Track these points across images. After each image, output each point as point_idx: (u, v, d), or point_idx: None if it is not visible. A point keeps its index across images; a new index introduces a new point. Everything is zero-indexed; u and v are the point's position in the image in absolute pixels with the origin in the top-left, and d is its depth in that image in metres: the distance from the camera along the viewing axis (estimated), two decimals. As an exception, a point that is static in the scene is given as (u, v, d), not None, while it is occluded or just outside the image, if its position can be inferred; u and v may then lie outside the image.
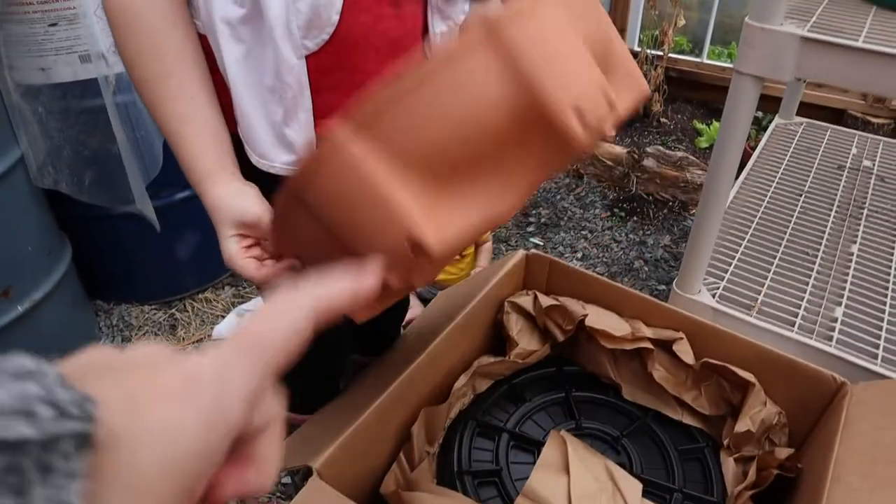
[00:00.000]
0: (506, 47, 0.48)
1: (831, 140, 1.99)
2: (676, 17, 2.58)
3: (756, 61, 1.00)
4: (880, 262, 1.46)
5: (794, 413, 0.95)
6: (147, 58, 0.68)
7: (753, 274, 1.43)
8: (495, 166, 0.52)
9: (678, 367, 1.00)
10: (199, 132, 0.71)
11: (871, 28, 1.01)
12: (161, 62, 0.69)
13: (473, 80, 0.48)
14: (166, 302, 1.91)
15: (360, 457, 0.83)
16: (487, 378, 1.03)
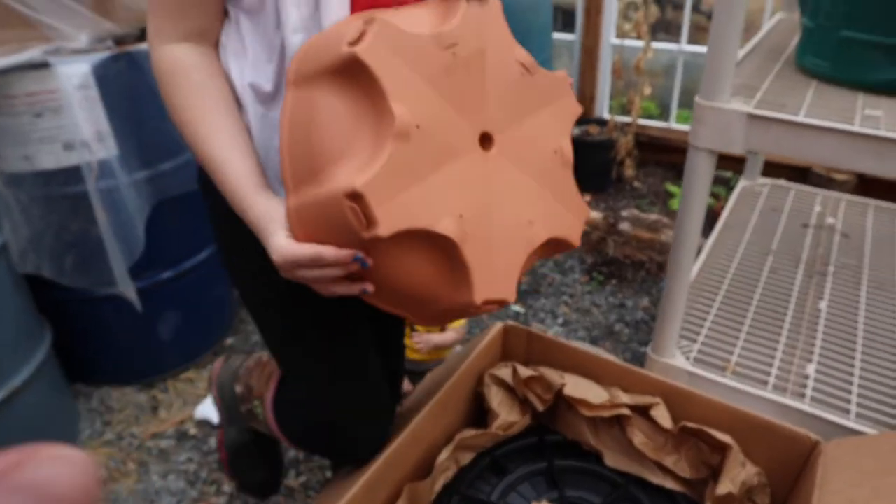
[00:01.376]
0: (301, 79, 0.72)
1: (796, 199, 2.06)
2: (642, 86, 2.69)
3: (708, 136, 1.06)
4: (848, 318, 1.50)
5: (773, 473, 0.97)
6: (192, 102, 0.78)
7: (726, 335, 1.46)
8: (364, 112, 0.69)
9: (657, 431, 1.02)
10: (245, 156, 0.79)
11: (812, 102, 1.07)
12: (204, 104, 0.78)
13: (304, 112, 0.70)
14: (147, 383, 1.89)
15: (344, 537, 0.83)
16: (470, 451, 1.04)
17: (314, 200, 0.67)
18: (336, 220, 0.66)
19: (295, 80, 0.70)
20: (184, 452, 1.67)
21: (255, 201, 0.77)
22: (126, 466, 1.63)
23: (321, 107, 0.68)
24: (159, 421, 1.77)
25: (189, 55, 0.78)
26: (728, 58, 1.01)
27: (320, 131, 0.68)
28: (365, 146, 0.66)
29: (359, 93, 0.67)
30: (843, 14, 1.10)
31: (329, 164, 0.67)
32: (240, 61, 0.80)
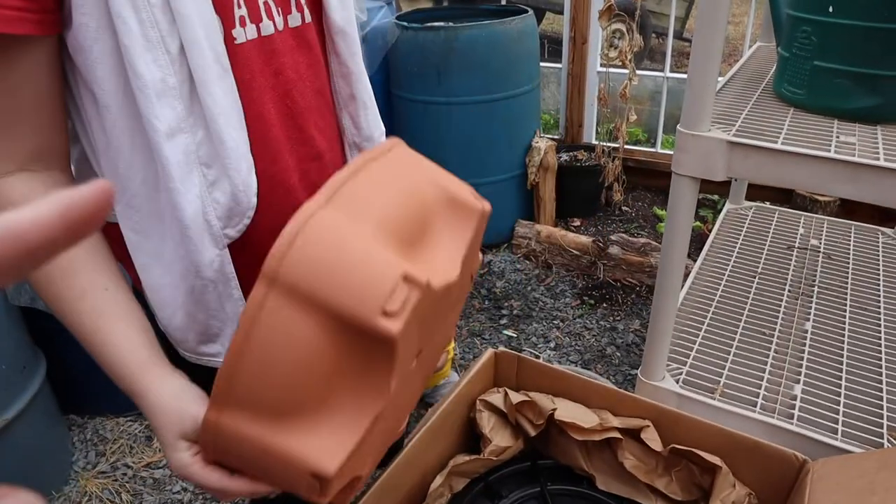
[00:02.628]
0: (290, 289, 0.51)
1: (780, 222, 2.10)
2: (628, 113, 2.75)
3: (690, 164, 1.09)
4: (833, 338, 1.53)
5: (763, 493, 0.98)
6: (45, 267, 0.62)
7: (714, 357, 1.48)
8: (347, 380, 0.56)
9: (648, 454, 1.03)
10: (123, 324, 0.62)
11: (789, 129, 1.11)
12: (63, 261, 0.60)
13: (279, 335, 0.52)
14: (140, 413, 1.89)
15: (339, 566, 0.84)
16: (463, 477, 1.05)
17: (253, 439, 0.54)
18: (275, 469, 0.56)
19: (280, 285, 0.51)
20: (178, 483, 1.67)
21: (145, 388, 0.62)
22: (120, 497, 1.63)
23: (306, 343, 0.53)
24: (153, 451, 1.77)
25: (31, 189, 0.60)
26: (708, 88, 1.05)
27: (293, 370, 0.53)
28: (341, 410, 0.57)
29: (359, 352, 0.55)
30: (816, 45, 1.15)
31: (291, 413, 0.55)
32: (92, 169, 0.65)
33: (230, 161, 0.63)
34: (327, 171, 0.77)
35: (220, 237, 0.65)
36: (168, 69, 0.58)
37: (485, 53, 2.40)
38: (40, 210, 0.20)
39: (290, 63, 0.70)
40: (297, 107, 0.72)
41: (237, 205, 0.65)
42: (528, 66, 2.59)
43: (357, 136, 0.82)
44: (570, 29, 3.04)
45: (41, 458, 1.61)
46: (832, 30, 1.14)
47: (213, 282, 0.67)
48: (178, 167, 0.61)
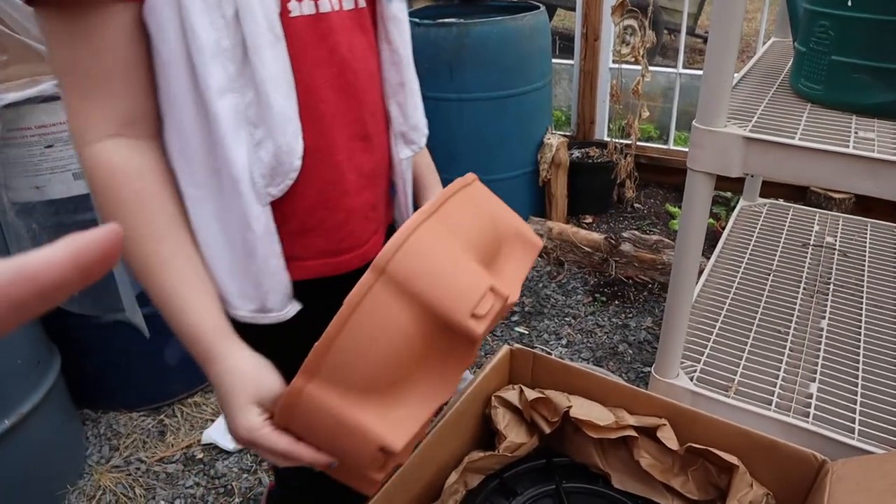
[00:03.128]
0: (395, 281, 0.59)
1: (794, 219, 2.08)
2: (640, 109, 2.73)
3: (705, 160, 1.08)
4: (850, 336, 1.51)
5: (780, 493, 0.97)
6: (139, 223, 0.65)
7: (729, 355, 1.47)
8: (426, 369, 0.64)
9: (664, 453, 1.02)
10: (203, 292, 0.68)
11: (807, 125, 1.10)
12: (152, 226, 0.66)
13: (378, 318, 0.59)
14: (155, 408, 1.90)
15: (354, 561, 0.83)
16: (478, 473, 1.04)
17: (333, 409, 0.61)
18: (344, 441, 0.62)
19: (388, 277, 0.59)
20: (191, 477, 1.68)
21: (221, 353, 0.66)
22: (133, 491, 1.64)
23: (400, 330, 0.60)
24: (166, 445, 1.78)
25: (127, 157, 0.65)
26: (724, 83, 1.04)
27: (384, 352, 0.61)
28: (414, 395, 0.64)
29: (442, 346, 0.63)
30: (833, 39, 1.14)
31: (372, 391, 0.62)
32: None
33: (275, 123, 0.66)
34: (374, 154, 0.80)
35: (263, 194, 0.69)
36: (222, 32, 0.62)
37: (497, 50, 2.39)
38: (54, 253, 0.20)
39: (346, 42, 0.72)
40: (351, 85, 0.74)
41: (280, 165, 0.68)
42: (540, 63, 2.58)
43: (404, 124, 0.83)
44: (582, 25, 3.02)
45: (56, 452, 1.62)
46: (850, 24, 1.12)
47: (261, 237, 0.70)
48: (227, 124, 0.64)
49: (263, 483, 1.65)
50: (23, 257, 0.20)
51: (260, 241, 0.70)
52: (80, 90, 0.63)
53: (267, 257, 0.72)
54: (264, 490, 1.62)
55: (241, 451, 1.74)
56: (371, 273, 0.59)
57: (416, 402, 0.64)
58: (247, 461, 1.71)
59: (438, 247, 0.62)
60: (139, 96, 0.65)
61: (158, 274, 0.65)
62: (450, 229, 0.64)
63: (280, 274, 0.74)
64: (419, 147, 0.87)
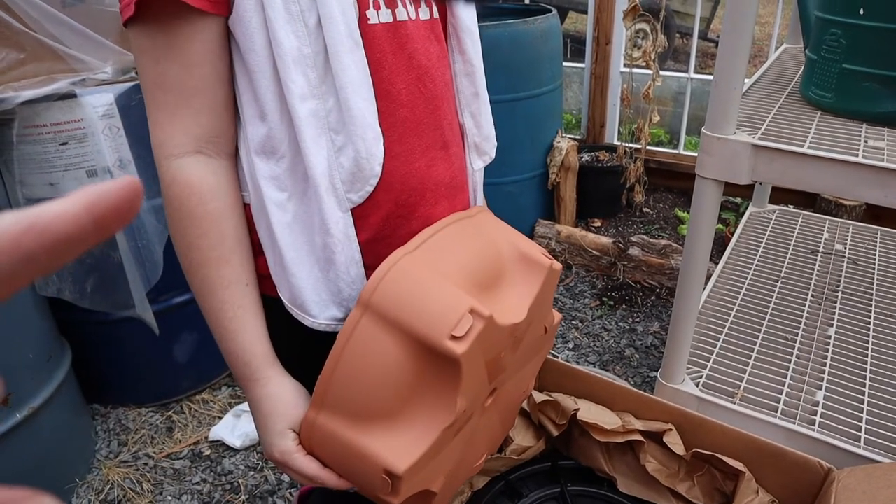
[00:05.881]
0: (379, 314, 0.65)
1: (804, 226, 2.08)
2: (650, 114, 2.73)
3: (714, 167, 1.08)
4: (857, 344, 1.51)
5: (786, 501, 0.97)
6: (208, 242, 0.68)
7: (735, 361, 1.47)
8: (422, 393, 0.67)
9: (670, 458, 1.03)
10: (256, 319, 0.71)
11: (816, 133, 1.10)
12: (221, 248, 0.69)
13: (368, 349, 0.65)
14: (163, 404, 1.92)
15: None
16: (485, 475, 1.05)
17: (342, 438, 0.67)
18: (356, 466, 0.67)
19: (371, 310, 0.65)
20: (198, 473, 1.69)
21: (265, 377, 0.71)
22: (141, 487, 1.65)
23: (390, 359, 0.65)
24: (174, 441, 1.79)
25: (204, 176, 0.68)
26: (734, 91, 1.04)
27: (378, 381, 0.66)
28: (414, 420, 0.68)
29: (431, 371, 0.66)
30: (844, 47, 1.14)
31: (374, 418, 0.67)
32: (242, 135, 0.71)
33: (356, 128, 0.67)
34: (452, 163, 0.80)
35: (344, 200, 0.70)
36: (305, 40, 0.64)
37: (508, 52, 2.40)
38: (66, 203, 0.20)
39: (423, 51, 0.73)
40: (430, 92, 0.75)
41: (360, 170, 0.69)
42: (551, 66, 2.59)
43: (478, 135, 0.84)
44: (593, 29, 3.02)
45: (65, 446, 1.64)
46: (862, 32, 1.12)
47: (341, 242, 0.71)
48: (309, 129, 0.66)
49: (269, 481, 1.66)
50: (37, 208, 0.19)
51: (340, 246, 0.71)
52: (165, 105, 0.66)
53: (347, 264, 0.72)
54: (295, 492, 1.63)
55: (248, 449, 1.75)
56: (357, 308, 0.66)
57: (418, 429, 0.67)
58: (253, 459, 1.72)
59: (419, 277, 0.67)
60: (221, 114, 0.68)
61: (219, 295, 0.69)
62: (435, 259, 0.70)
63: (360, 282, 0.74)
64: (490, 158, 0.88)
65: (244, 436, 1.76)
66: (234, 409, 1.86)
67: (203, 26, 0.63)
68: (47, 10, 1.49)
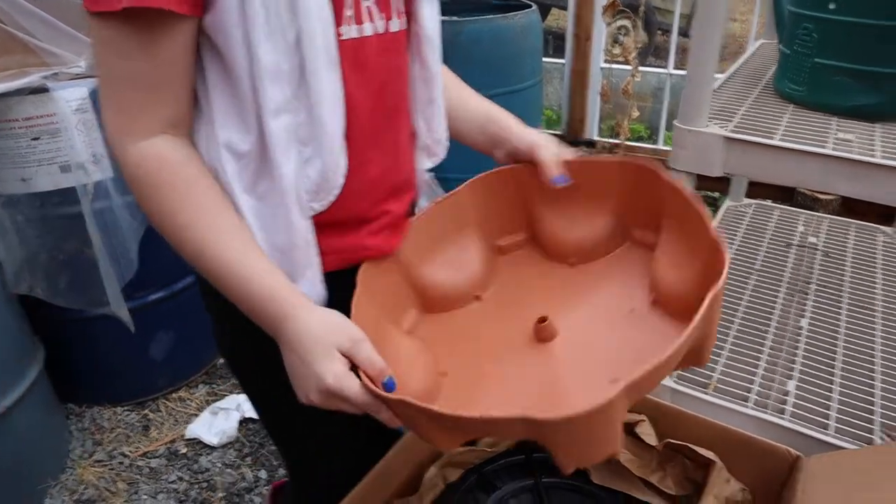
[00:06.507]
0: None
1: (779, 219, 2.10)
2: (630, 109, 2.75)
3: (687, 159, 1.09)
4: (828, 335, 1.52)
5: (756, 488, 0.98)
6: (193, 202, 0.68)
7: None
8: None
9: (642, 449, 1.03)
10: (267, 259, 0.70)
11: (788, 126, 1.11)
12: (207, 203, 0.69)
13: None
14: (139, 402, 1.90)
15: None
16: (458, 468, 1.05)
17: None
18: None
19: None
20: (174, 471, 1.68)
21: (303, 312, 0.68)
22: (116, 486, 1.64)
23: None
24: (150, 440, 1.78)
25: (174, 149, 0.68)
26: (705, 83, 1.05)
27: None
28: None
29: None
30: (816, 41, 1.15)
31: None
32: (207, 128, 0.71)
33: (326, 142, 0.70)
34: (403, 167, 0.84)
35: (306, 208, 0.73)
36: (282, 55, 0.65)
37: (488, 48, 2.40)
38: None
39: (385, 64, 0.76)
40: (387, 105, 0.78)
41: (325, 182, 0.72)
42: (531, 62, 2.59)
43: (429, 138, 0.87)
44: (573, 25, 3.03)
45: (38, 446, 1.62)
46: (833, 27, 1.14)
47: (299, 247, 0.73)
48: (279, 141, 0.67)
49: (246, 479, 1.65)
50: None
51: (300, 251, 0.73)
52: (129, 94, 0.65)
53: (304, 267, 0.75)
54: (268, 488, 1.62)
55: (225, 447, 1.74)
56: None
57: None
58: (230, 456, 1.72)
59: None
60: (186, 102, 0.69)
61: (219, 246, 0.68)
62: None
63: (318, 286, 0.76)
64: (439, 158, 0.91)
65: (221, 433, 1.75)
66: (210, 406, 1.85)
67: (182, 28, 0.63)
68: (17, 2, 1.46)
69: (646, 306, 0.83)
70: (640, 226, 0.87)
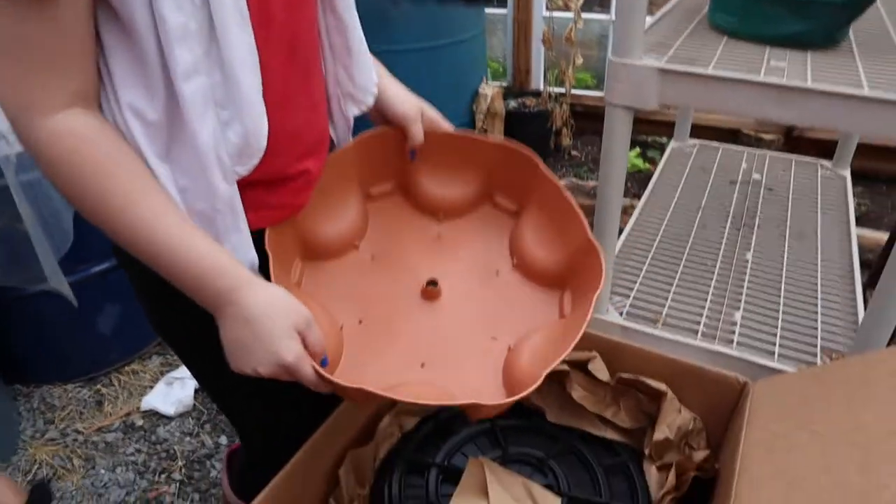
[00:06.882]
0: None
1: (724, 158, 2.13)
2: (574, 57, 2.73)
3: (622, 93, 1.09)
4: (772, 267, 1.57)
5: (707, 417, 1.00)
6: (121, 182, 0.63)
7: (657, 289, 1.51)
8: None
9: (595, 385, 1.05)
10: (205, 236, 0.68)
11: (721, 56, 1.12)
12: (137, 182, 0.64)
13: None
14: (91, 378, 1.85)
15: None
16: (413, 416, 1.05)
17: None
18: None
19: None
20: (132, 444, 1.65)
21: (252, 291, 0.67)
22: (72, 463, 1.60)
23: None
24: (105, 415, 1.74)
25: (89, 125, 0.62)
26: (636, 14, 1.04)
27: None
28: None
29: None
30: (748, -29, 1.15)
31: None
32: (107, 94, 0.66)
33: (244, 104, 0.67)
34: (320, 122, 0.83)
35: (230, 172, 0.69)
36: (190, 15, 0.61)
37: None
38: None
39: (293, 17, 0.73)
40: (302, 58, 0.76)
41: (248, 146, 0.69)
42: (472, 12, 2.54)
43: (352, 86, 0.86)
44: (514, -28, 2.98)
45: (-14, 430, 1.57)
46: (763, -44, 1.13)
47: (223, 213, 0.70)
48: (194, 105, 0.64)
49: (206, 445, 1.63)
50: None
51: (221, 217, 0.71)
52: (27, 64, 0.59)
53: (229, 233, 0.72)
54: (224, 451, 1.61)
55: (182, 416, 1.72)
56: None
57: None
58: (188, 425, 1.69)
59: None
60: (91, 72, 0.63)
61: (157, 226, 0.64)
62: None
63: (248, 252, 0.74)
64: (367, 105, 0.89)
65: (178, 403, 1.72)
66: (165, 377, 1.81)
67: None
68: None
69: (508, 268, 0.95)
70: (502, 194, 0.98)
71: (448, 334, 0.87)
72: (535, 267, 0.93)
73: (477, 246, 0.97)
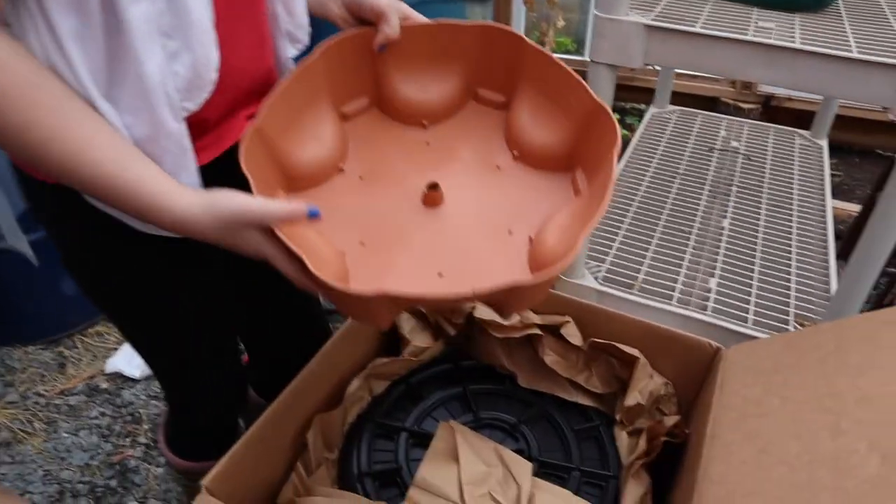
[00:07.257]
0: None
1: (702, 125, 2.12)
2: (555, 20, 2.68)
3: (607, 51, 1.06)
4: (748, 234, 1.57)
5: (679, 382, 1.00)
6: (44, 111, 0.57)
7: (634, 255, 1.50)
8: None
9: (568, 349, 1.04)
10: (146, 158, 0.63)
11: (709, 15, 1.09)
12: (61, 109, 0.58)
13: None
14: (53, 340, 1.80)
15: (253, 470, 0.81)
16: (384, 379, 1.03)
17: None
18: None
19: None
20: (95, 407, 1.61)
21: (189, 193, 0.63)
22: (33, 426, 1.56)
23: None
24: (67, 378, 1.69)
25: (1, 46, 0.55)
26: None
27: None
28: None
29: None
30: (738, -73, 1.11)
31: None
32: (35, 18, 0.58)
33: (194, 34, 0.63)
34: (267, 58, 0.80)
35: (179, 109, 0.65)
36: None
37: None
38: None
39: None
40: None
41: (198, 78, 0.65)
42: (450, -32, 2.47)
43: (290, 23, 0.82)
44: (495, -70, 2.90)
45: (-58, 391, 1.52)
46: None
47: (172, 152, 0.66)
48: (140, 34, 0.59)
49: (173, 408, 1.60)
50: None
51: (170, 156, 0.66)
52: None
53: (178, 173, 0.67)
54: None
55: (148, 379, 1.68)
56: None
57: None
58: (154, 388, 1.66)
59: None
60: None
61: (91, 157, 0.59)
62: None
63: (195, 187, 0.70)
64: (303, 45, 0.85)
65: (143, 365, 1.68)
66: (130, 339, 1.77)
67: None
68: None
69: (509, 161, 0.88)
70: (487, 86, 0.91)
71: (460, 238, 0.80)
72: (539, 153, 0.85)
73: (471, 145, 0.90)
